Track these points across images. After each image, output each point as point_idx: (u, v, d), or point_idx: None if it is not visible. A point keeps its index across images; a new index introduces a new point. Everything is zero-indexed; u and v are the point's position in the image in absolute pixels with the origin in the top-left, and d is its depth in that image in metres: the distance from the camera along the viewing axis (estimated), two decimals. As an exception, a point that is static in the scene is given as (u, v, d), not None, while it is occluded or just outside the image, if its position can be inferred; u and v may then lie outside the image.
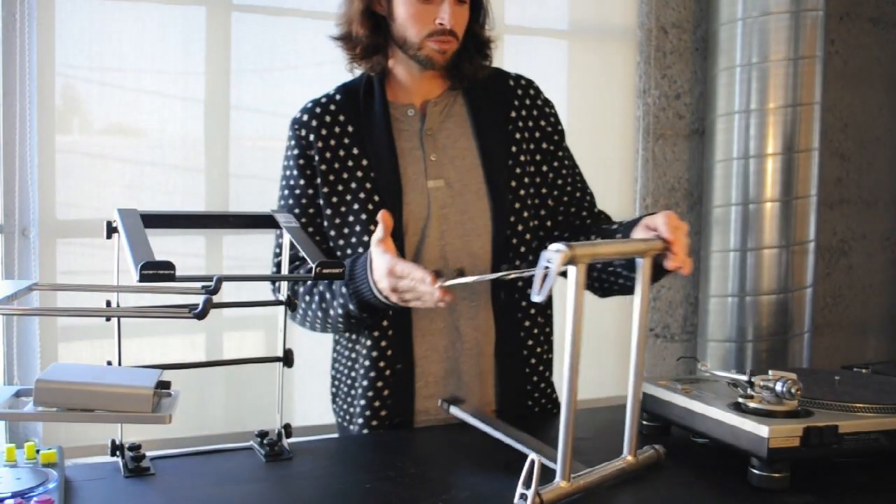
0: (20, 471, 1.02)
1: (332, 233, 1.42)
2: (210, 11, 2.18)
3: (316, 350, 2.35)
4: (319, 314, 1.38)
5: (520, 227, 1.42)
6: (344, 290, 1.31)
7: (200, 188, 2.21)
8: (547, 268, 0.97)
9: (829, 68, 2.79)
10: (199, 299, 0.91)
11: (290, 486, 1.10)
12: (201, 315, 0.90)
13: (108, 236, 1.12)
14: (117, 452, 1.14)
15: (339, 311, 1.34)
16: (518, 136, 1.46)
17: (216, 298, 0.94)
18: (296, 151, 1.46)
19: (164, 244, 1.12)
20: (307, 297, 1.39)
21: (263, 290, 1.47)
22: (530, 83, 1.52)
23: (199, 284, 0.98)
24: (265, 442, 1.20)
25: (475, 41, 1.45)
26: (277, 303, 1.24)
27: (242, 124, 2.24)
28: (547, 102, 1.52)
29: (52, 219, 2.05)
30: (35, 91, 2.01)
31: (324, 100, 1.47)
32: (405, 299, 1.24)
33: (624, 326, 2.67)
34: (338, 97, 1.47)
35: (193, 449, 1.23)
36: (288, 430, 1.23)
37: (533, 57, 2.58)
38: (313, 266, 1.08)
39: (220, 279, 0.96)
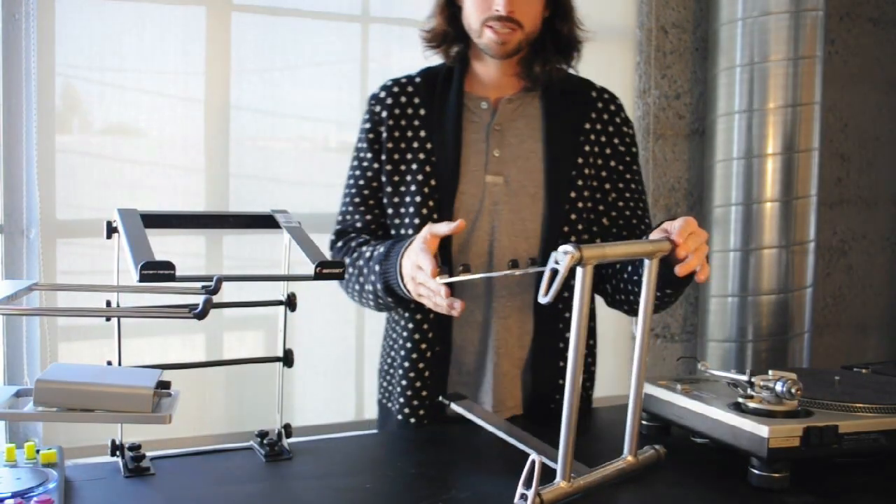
0: (20, 471, 1.02)
1: (390, 210, 1.45)
2: (210, 11, 2.18)
3: (316, 350, 2.35)
4: (357, 287, 1.42)
5: (572, 238, 1.41)
6: (377, 267, 1.35)
7: (200, 188, 2.21)
8: (555, 269, 0.97)
9: (829, 68, 2.79)
10: (199, 299, 0.91)
11: (290, 486, 1.10)
12: (201, 315, 0.90)
13: (108, 236, 1.12)
14: (117, 452, 1.14)
15: (369, 287, 1.38)
16: (588, 148, 1.45)
17: (216, 298, 0.94)
18: (368, 125, 1.49)
19: (164, 244, 1.12)
20: (350, 269, 1.42)
21: (263, 290, 1.47)
22: (614, 99, 1.51)
23: (199, 284, 0.98)
24: (265, 442, 1.20)
25: (555, 39, 1.44)
26: (278, 303, 1.24)
27: (242, 124, 2.24)
28: (626, 122, 1.50)
29: (53, 219, 2.05)
30: (35, 91, 2.01)
31: (404, 80, 1.50)
32: (419, 293, 1.27)
33: (623, 326, 2.67)
34: (417, 80, 1.49)
35: (193, 449, 1.23)
36: (288, 430, 1.23)
37: (533, 57, 2.58)
38: (313, 266, 1.08)
39: (220, 279, 0.96)
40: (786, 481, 1.07)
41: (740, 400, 1.14)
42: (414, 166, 1.43)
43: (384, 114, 1.46)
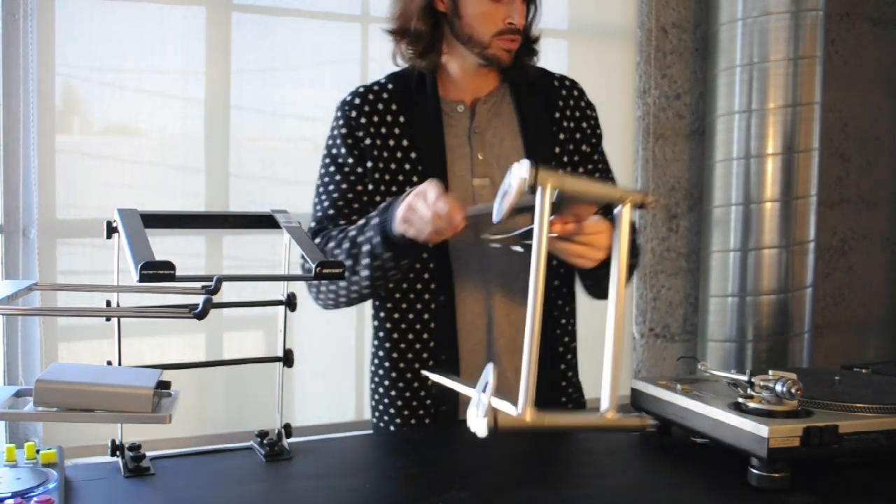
0: (20, 471, 1.02)
1: None
2: (210, 11, 2.18)
3: (316, 350, 2.35)
4: (347, 264, 1.33)
5: None
6: (375, 220, 1.29)
7: (200, 188, 2.21)
8: (506, 192, 0.96)
9: (829, 68, 2.79)
10: (199, 299, 0.91)
11: (290, 486, 1.10)
12: (201, 315, 0.90)
13: (108, 236, 1.12)
14: (117, 452, 1.14)
15: (366, 249, 1.30)
16: (562, 136, 1.47)
17: (216, 298, 0.94)
18: (344, 131, 1.45)
19: (164, 244, 1.12)
20: (336, 251, 1.36)
21: (263, 290, 1.47)
22: (574, 84, 1.53)
23: (199, 284, 0.98)
24: (265, 442, 1.20)
25: (527, 39, 1.45)
26: (277, 303, 1.24)
27: (242, 124, 2.24)
28: (589, 105, 1.53)
29: (53, 219, 2.05)
30: (35, 91, 2.01)
31: (376, 87, 1.47)
32: (407, 217, 1.21)
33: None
34: (389, 86, 1.47)
35: (193, 449, 1.23)
36: (288, 430, 1.23)
37: (533, 57, 2.58)
38: (313, 266, 1.08)
39: (220, 279, 0.96)
40: (786, 481, 1.07)
41: (740, 400, 1.14)
42: (400, 177, 1.42)
43: (363, 120, 1.44)
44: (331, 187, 1.46)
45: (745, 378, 1.15)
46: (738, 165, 2.58)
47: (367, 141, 1.43)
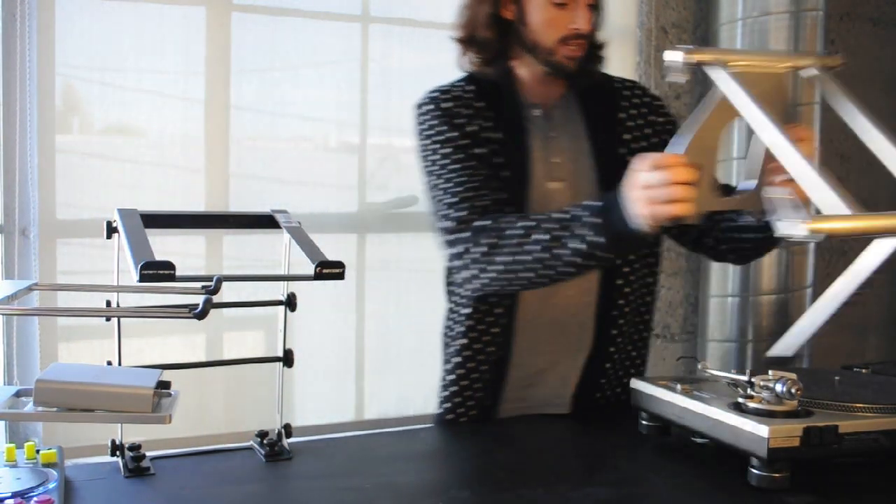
0: (20, 471, 1.02)
1: None
2: (210, 11, 2.18)
3: (316, 350, 2.35)
4: (534, 257, 1.27)
5: None
6: (594, 219, 1.21)
7: (200, 188, 2.21)
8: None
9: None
10: (199, 299, 0.91)
11: (290, 486, 1.10)
12: (201, 315, 0.90)
13: (108, 236, 1.12)
14: (117, 452, 1.14)
15: (580, 246, 1.23)
16: (626, 136, 1.48)
17: (216, 298, 0.94)
18: (444, 117, 1.42)
19: (164, 244, 1.12)
20: (517, 240, 1.27)
21: (263, 290, 1.47)
22: (635, 83, 1.56)
23: (199, 284, 0.98)
24: (265, 442, 1.20)
25: (592, 44, 1.46)
26: (277, 303, 1.24)
27: (242, 124, 2.24)
28: (655, 97, 1.55)
29: (52, 219, 2.05)
30: (35, 91, 2.00)
31: (455, 88, 1.46)
32: (650, 197, 1.12)
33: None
34: (472, 87, 1.46)
35: (193, 449, 1.23)
36: (288, 430, 1.23)
37: (533, 57, 2.58)
38: (313, 266, 1.08)
39: (220, 279, 0.96)
40: (786, 481, 1.07)
41: (740, 400, 1.14)
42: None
43: (461, 110, 1.43)
44: (457, 167, 1.40)
45: (745, 378, 1.15)
46: (738, 165, 2.58)
47: (468, 129, 1.42)
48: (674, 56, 1.06)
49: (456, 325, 1.48)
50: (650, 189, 1.12)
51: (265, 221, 1.28)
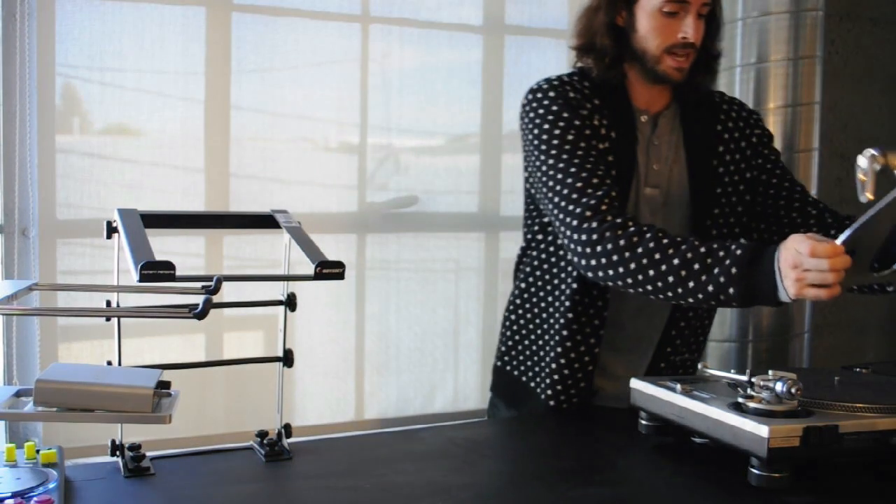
0: (20, 471, 1.02)
1: None
2: (210, 11, 2.18)
3: (316, 350, 2.35)
4: (662, 276, 1.28)
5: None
6: (735, 269, 1.22)
7: (200, 188, 2.21)
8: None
9: (829, 68, 2.79)
10: (199, 299, 0.91)
11: (290, 486, 1.10)
12: (201, 315, 0.90)
13: (108, 236, 1.13)
14: (117, 452, 1.14)
15: (709, 288, 1.24)
16: (721, 148, 1.52)
17: (216, 298, 0.94)
18: (560, 101, 1.45)
19: (164, 244, 1.13)
20: (652, 253, 1.28)
21: (263, 290, 1.47)
22: (733, 100, 1.60)
23: (199, 284, 0.98)
24: (265, 442, 1.20)
25: (706, 55, 1.49)
26: (277, 303, 1.24)
27: (242, 124, 2.24)
28: (751, 113, 1.59)
29: (52, 219, 2.05)
30: (35, 91, 2.00)
31: (573, 79, 1.50)
32: (801, 278, 1.15)
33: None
34: (587, 83, 1.49)
35: (193, 449, 1.23)
36: (288, 430, 1.23)
37: (533, 57, 2.58)
38: (313, 266, 1.08)
39: (220, 279, 0.96)
40: (786, 481, 1.07)
41: (740, 400, 1.14)
42: None
43: (585, 104, 1.46)
44: (579, 152, 1.40)
45: (745, 378, 1.15)
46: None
47: (590, 122, 1.45)
48: (862, 160, 1.16)
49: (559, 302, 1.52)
50: (805, 272, 1.15)
51: (265, 221, 1.28)
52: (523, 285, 1.61)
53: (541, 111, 1.45)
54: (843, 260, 1.14)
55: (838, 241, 1.15)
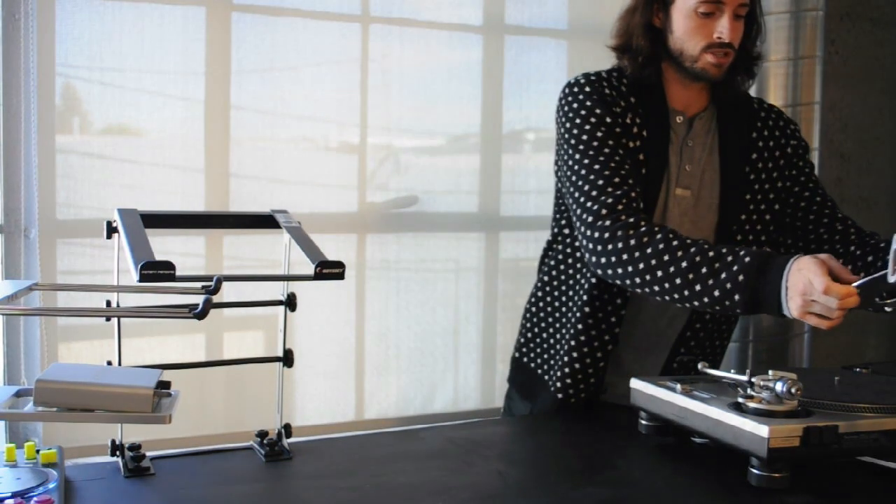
0: (20, 471, 1.02)
1: None
2: (210, 11, 2.18)
3: (316, 350, 2.35)
4: (669, 278, 1.29)
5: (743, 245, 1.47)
6: (741, 277, 1.23)
7: (200, 188, 2.21)
8: None
9: (829, 68, 2.79)
10: (199, 299, 0.91)
11: (290, 486, 1.10)
12: (201, 315, 0.90)
13: (108, 236, 1.13)
14: (117, 452, 1.14)
15: (715, 293, 1.25)
16: (754, 155, 1.53)
17: (216, 298, 0.94)
18: (594, 97, 1.47)
19: (164, 244, 1.13)
20: (670, 247, 1.29)
21: (263, 290, 1.47)
22: (772, 107, 1.61)
23: (199, 284, 0.98)
24: (265, 442, 1.20)
25: (745, 57, 1.50)
26: (278, 303, 1.24)
27: (242, 124, 2.24)
28: (789, 122, 1.59)
29: (53, 219, 2.05)
30: (35, 91, 2.00)
31: (614, 73, 1.52)
32: (809, 310, 1.19)
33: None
34: (624, 80, 1.51)
35: (193, 449, 1.23)
36: (288, 430, 1.23)
37: (533, 57, 2.58)
38: (313, 266, 1.08)
39: (220, 279, 0.96)
40: (786, 481, 1.07)
41: (740, 400, 1.14)
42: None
43: (620, 101, 1.48)
44: (606, 150, 1.42)
45: (745, 378, 1.15)
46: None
47: (623, 120, 1.46)
48: None
49: (577, 296, 1.53)
50: (813, 302, 1.17)
51: (265, 221, 1.28)
52: (546, 279, 1.62)
53: (575, 105, 1.48)
54: (853, 301, 1.18)
55: (853, 286, 1.17)
